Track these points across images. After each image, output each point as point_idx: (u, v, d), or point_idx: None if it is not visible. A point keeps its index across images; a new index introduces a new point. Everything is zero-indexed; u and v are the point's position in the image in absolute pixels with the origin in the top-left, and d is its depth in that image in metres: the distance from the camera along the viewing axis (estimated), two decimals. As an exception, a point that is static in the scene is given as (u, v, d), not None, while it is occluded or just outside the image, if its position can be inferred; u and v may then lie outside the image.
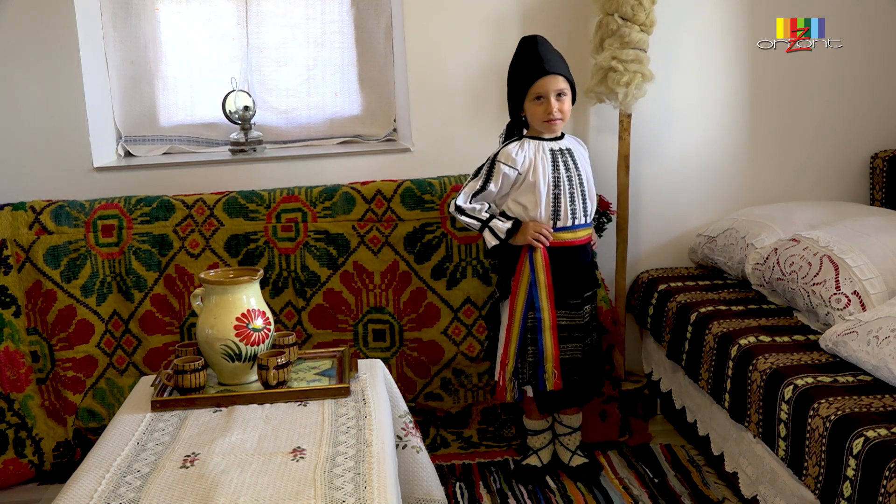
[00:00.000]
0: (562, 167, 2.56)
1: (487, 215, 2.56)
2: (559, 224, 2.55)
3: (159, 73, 3.29)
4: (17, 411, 2.84)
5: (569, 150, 2.60)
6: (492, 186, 2.55)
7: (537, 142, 2.57)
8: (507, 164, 2.53)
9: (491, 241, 2.55)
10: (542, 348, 2.57)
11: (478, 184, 2.56)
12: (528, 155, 2.54)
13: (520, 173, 2.53)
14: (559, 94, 2.52)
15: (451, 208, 2.60)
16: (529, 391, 2.64)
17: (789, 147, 3.30)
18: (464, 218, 2.58)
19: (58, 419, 2.89)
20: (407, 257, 2.94)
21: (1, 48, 2.98)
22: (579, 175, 2.59)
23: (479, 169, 2.58)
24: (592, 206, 2.64)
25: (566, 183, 2.55)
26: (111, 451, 1.83)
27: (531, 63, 2.53)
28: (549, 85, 2.51)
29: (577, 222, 2.58)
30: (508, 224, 2.53)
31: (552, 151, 2.56)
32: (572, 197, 2.56)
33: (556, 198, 2.54)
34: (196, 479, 1.67)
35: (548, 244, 2.54)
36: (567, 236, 2.57)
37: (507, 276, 2.60)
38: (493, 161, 2.56)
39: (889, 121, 3.31)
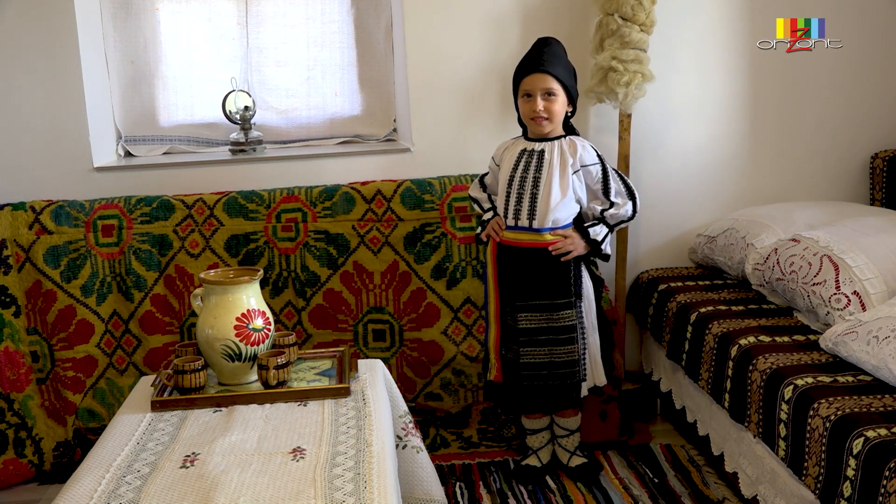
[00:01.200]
0: (521, 167, 2.54)
1: (488, 205, 2.68)
2: (508, 223, 2.56)
3: (159, 73, 3.29)
4: (17, 411, 2.84)
5: (541, 152, 2.54)
6: (488, 178, 2.72)
7: (521, 140, 2.61)
8: (493, 158, 2.68)
9: (477, 229, 2.70)
10: (486, 338, 2.65)
11: (482, 175, 2.75)
12: (508, 150, 2.61)
13: (498, 166, 2.64)
14: (548, 94, 2.50)
15: (470, 197, 2.80)
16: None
17: (789, 147, 3.30)
18: (475, 206, 2.75)
19: (58, 419, 2.89)
20: (407, 257, 2.94)
21: (1, 48, 2.98)
22: (536, 178, 2.51)
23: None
24: (547, 214, 2.49)
25: (517, 184, 2.54)
26: (111, 451, 1.83)
27: (526, 60, 2.55)
28: (536, 83, 2.50)
29: (518, 224, 2.53)
30: (489, 215, 2.65)
31: (521, 150, 2.57)
32: (519, 198, 2.53)
33: (508, 196, 2.56)
34: (196, 479, 1.67)
35: (497, 239, 2.58)
36: (509, 236, 2.56)
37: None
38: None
39: (889, 121, 3.31)
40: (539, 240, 2.51)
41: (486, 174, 2.73)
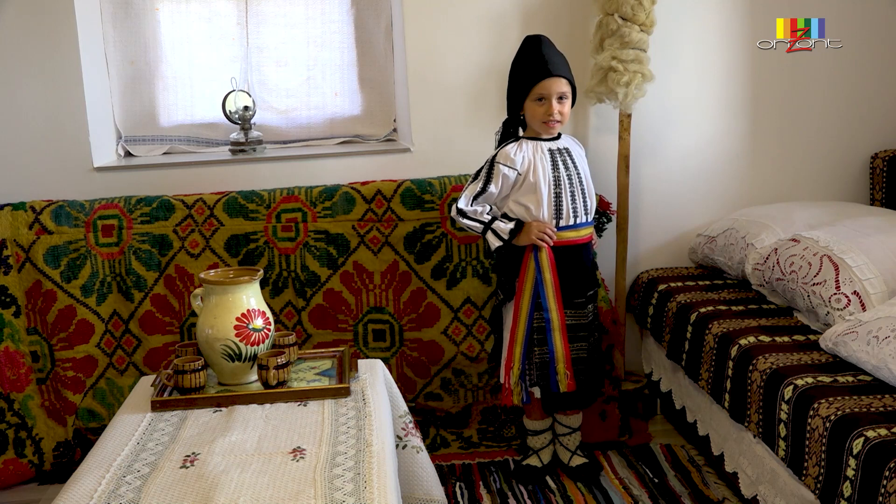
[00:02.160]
0: (561, 166, 2.57)
1: (489, 217, 2.55)
2: (562, 223, 2.56)
3: (159, 73, 3.28)
4: (17, 411, 2.84)
5: (566, 149, 2.62)
6: (492, 188, 2.55)
7: (535, 142, 2.58)
8: (506, 165, 2.53)
9: (495, 243, 2.54)
10: (553, 349, 2.59)
11: (478, 186, 2.56)
12: (526, 155, 2.55)
13: (519, 174, 2.54)
14: (560, 97, 2.54)
15: (453, 212, 2.59)
16: (537, 392, 2.63)
17: (789, 147, 3.30)
18: (465, 221, 2.57)
19: (58, 419, 2.89)
20: (407, 257, 2.94)
21: (1, 48, 2.98)
22: (578, 174, 2.60)
23: (479, 171, 2.58)
24: (592, 204, 2.66)
25: (566, 182, 2.56)
26: (111, 451, 1.83)
27: (535, 63, 2.53)
28: (552, 87, 2.52)
29: (579, 220, 2.59)
30: (511, 225, 2.53)
31: (550, 151, 2.57)
32: (573, 195, 2.57)
33: (558, 197, 2.55)
34: (196, 479, 1.67)
35: (552, 243, 2.54)
36: (570, 235, 2.58)
37: (511, 277, 2.60)
38: (491, 162, 2.56)
39: (889, 121, 3.31)
40: (588, 233, 2.66)
41: (484, 188, 2.54)
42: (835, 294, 2.39)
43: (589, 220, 2.64)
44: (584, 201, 2.60)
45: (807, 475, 1.99)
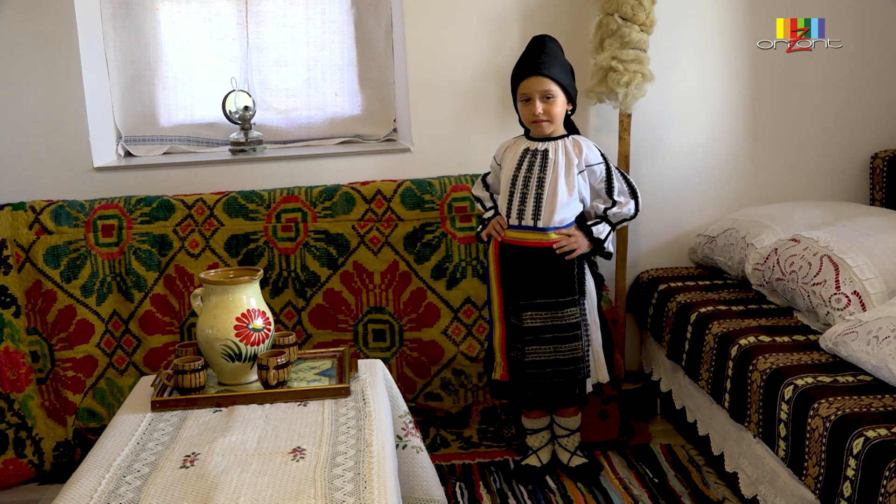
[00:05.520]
0: (524, 167, 2.55)
1: (490, 204, 2.69)
2: (510, 222, 2.57)
3: (159, 73, 3.29)
4: (17, 411, 2.84)
5: (545, 151, 2.54)
6: (490, 177, 2.73)
7: (523, 139, 2.61)
8: (494, 157, 2.69)
9: (477, 228, 2.70)
10: (491, 338, 2.65)
11: (483, 174, 2.77)
12: (510, 150, 2.62)
13: (500, 166, 2.65)
14: (546, 97, 2.50)
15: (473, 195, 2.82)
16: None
17: (789, 147, 3.30)
18: (477, 205, 2.76)
19: (58, 419, 2.89)
20: (407, 257, 2.94)
21: (1, 48, 2.98)
22: (541, 178, 2.51)
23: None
24: (552, 214, 2.50)
25: (521, 183, 2.54)
26: (111, 451, 1.83)
27: (523, 63, 2.54)
28: (533, 86, 2.50)
29: (523, 223, 2.53)
30: (489, 214, 2.65)
31: (525, 150, 2.58)
32: (523, 198, 2.54)
33: (511, 195, 2.56)
34: (196, 479, 1.67)
35: (499, 239, 2.58)
36: (514, 235, 2.56)
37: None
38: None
39: (889, 121, 3.31)
40: (544, 239, 2.52)
41: (489, 173, 2.74)
42: (835, 294, 2.39)
43: (537, 226, 2.51)
44: (536, 207, 2.51)
45: (807, 475, 1.99)
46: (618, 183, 2.57)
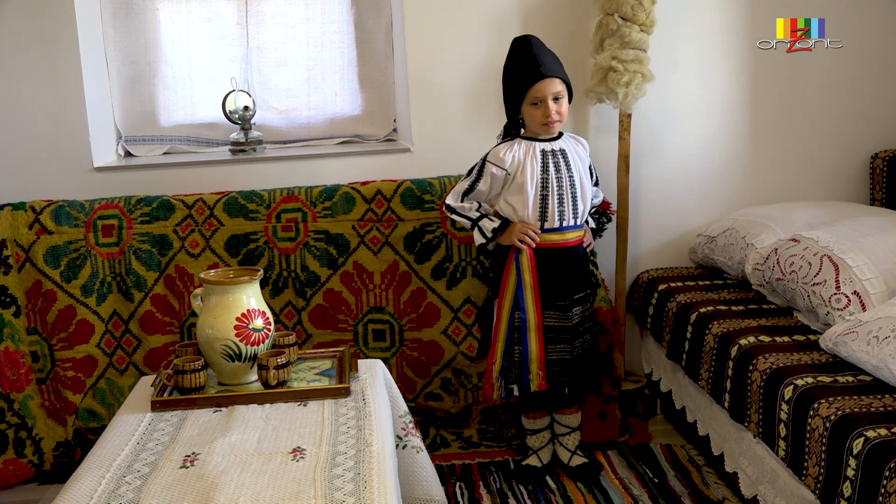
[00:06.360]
0: (551, 168, 2.55)
1: (478, 214, 2.60)
2: (546, 225, 2.56)
3: (159, 73, 3.29)
4: (17, 411, 2.84)
5: (562, 150, 2.59)
6: (481, 186, 2.60)
7: (529, 142, 2.58)
8: (495, 165, 2.56)
9: (479, 240, 2.60)
10: (527, 349, 2.59)
11: (466, 184, 2.61)
12: (517, 155, 2.56)
13: (508, 173, 2.56)
14: (556, 97, 2.52)
15: (445, 207, 2.66)
16: (516, 390, 2.64)
17: (789, 147, 3.30)
18: (456, 216, 2.64)
19: (58, 419, 2.89)
20: (407, 257, 2.94)
21: (1, 48, 2.98)
22: (570, 176, 2.57)
23: (472, 169, 2.63)
24: (585, 208, 2.62)
25: (555, 184, 2.55)
26: (111, 451, 1.83)
27: (527, 66, 2.53)
28: (546, 88, 2.51)
29: (564, 224, 2.57)
30: (496, 223, 2.57)
31: (543, 152, 2.57)
32: (560, 198, 2.55)
33: (544, 199, 2.55)
34: (196, 479, 1.67)
35: (534, 245, 2.55)
36: (554, 237, 2.57)
37: (498, 275, 2.64)
38: (483, 161, 2.60)
39: (889, 121, 3.31)
40: (580, 234, 2.64)
41: (473, 186, 2.59)
42: (835, 294, 2.39)
43: (577, 223, 2.61)
44: (574, 205, 2.57)
45: (807, 475, 1.99)
46: (594, 171, 2.76)
